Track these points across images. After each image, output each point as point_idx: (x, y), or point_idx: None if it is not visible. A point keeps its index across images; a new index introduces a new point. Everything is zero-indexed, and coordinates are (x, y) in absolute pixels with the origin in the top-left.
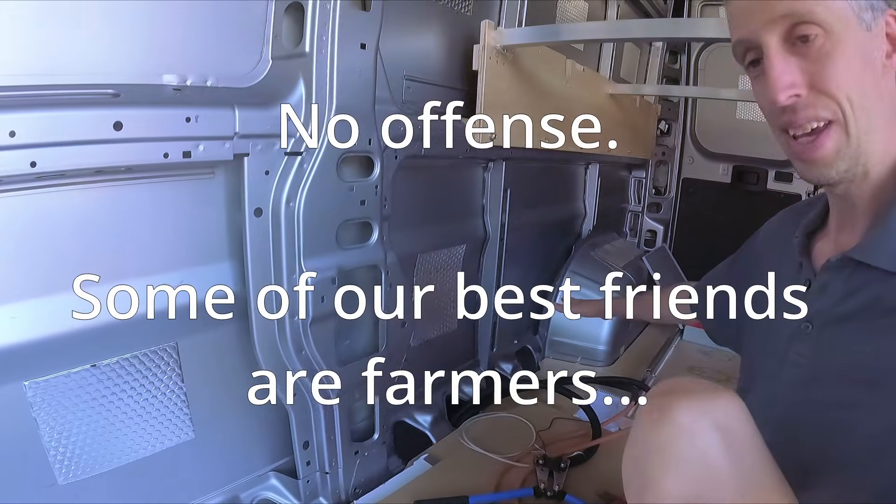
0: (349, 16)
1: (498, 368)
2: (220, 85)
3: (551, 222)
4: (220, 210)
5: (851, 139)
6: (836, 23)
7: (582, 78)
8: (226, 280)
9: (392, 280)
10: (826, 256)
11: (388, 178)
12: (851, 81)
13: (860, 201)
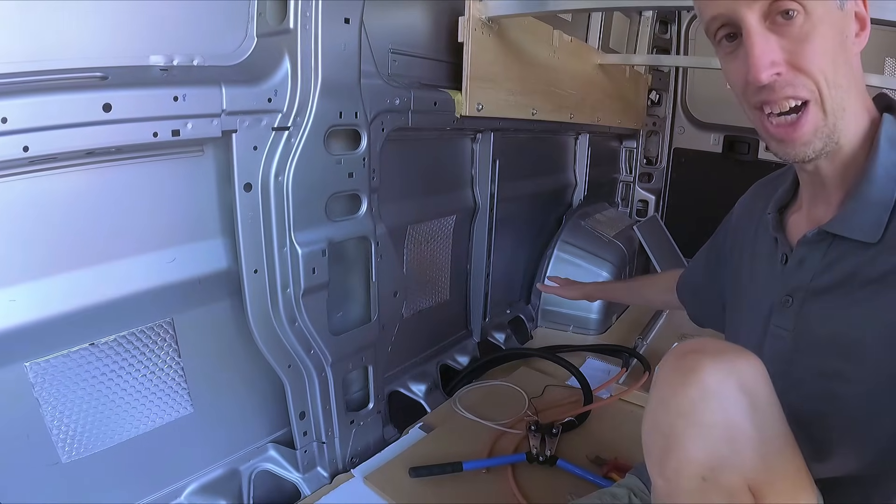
0: None
1: (491, 338)
2: (207, 64)
3: (542, 192)
4: (211, 186)
5: (828, 117)
6: (816, 5)
7: (570, 48)
8: (219, 255)
9: (382, 251)
10: (800, 230)
11: (376, 151)
12: (828, 61)
13: (830, 176)
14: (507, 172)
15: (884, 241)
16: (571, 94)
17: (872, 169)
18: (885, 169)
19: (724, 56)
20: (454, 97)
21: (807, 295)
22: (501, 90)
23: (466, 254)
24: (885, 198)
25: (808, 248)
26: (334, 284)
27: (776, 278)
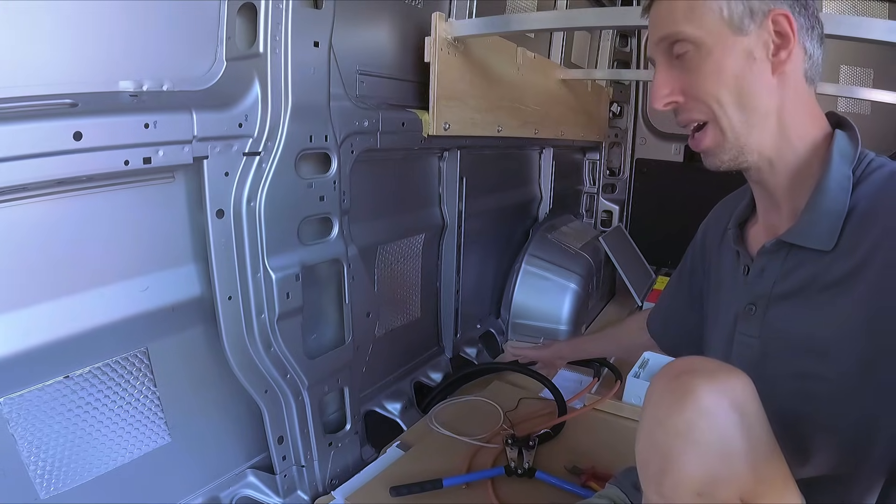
0: (301, 15)
1: (463, 353)
2: (177, 89)
3: (508, 207)
4: (182, 213)
5: (727, 134)
6: (705, 37)
7: (533, 65)
8: (192, 282)
9: (354, 272)
10: (759, 242)
11: (346, 173)
12: (721, 85)
13: (778, 189)
14: (475, 189)
15: (838, 248)
16: (536, 110)
17: (826, 181)
18: (837, 182)
19: None
20: (421, 117)
21: (769, 301)
22: (468, 108)
23: (436, 271)
24: (838, 208)
25: (768, 258)
26: (308, 306)
27: (740, 288)
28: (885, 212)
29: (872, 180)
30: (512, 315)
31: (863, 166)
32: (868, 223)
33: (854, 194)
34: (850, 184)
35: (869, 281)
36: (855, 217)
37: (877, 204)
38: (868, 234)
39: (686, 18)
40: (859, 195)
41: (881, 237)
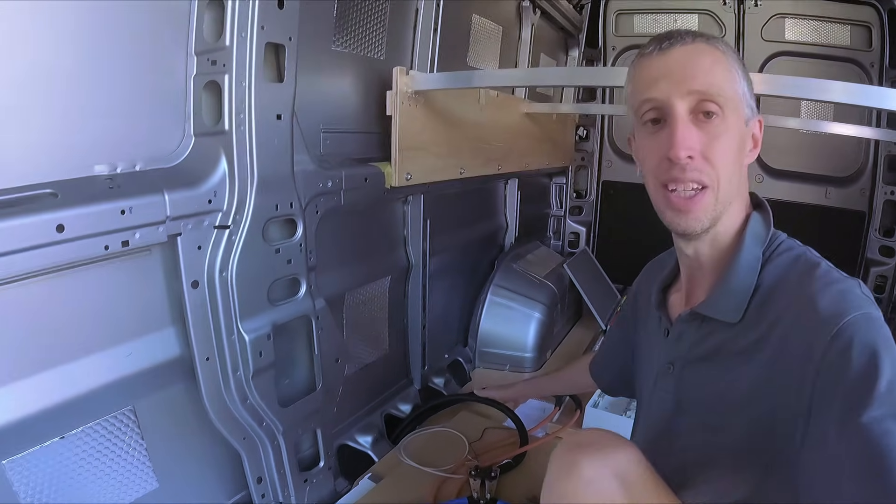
0: (264, 90)
1: (431, 383)
2: (149, 168)
3: (474, 240)
4: (160, 282)
5: (718, 204)
6: (731, 109)
7: (496, 103)
8: (171, 344)
9: (322, 324)
10: (680, 308)
11: (312, 233)
12: (729, 160)
13: (708, 263)
14: (439, 227)
15: (744, 321)
16: (499, 146)
17: (738, 261)
18: (748, 262)
19: (646, 135)
20: (384, 170)
21: (685, 363)
22: (430, 156)
23: (403, 309)
24: (746, 286)
25: (685, 325)
26: (280, 355)
27: (661, 348)
28: (785, 292)
29: (779, 262)
30: (479, 344)
31: (773, 247)
32: (771, 301)
33: (762, 273)
34: (758, 264)
35: (769, 351)
36: (760, 294)
37: (779, 284)
38: (770, 310)
39: (726, 85)
40: (766, 274)
41: (781, 314)
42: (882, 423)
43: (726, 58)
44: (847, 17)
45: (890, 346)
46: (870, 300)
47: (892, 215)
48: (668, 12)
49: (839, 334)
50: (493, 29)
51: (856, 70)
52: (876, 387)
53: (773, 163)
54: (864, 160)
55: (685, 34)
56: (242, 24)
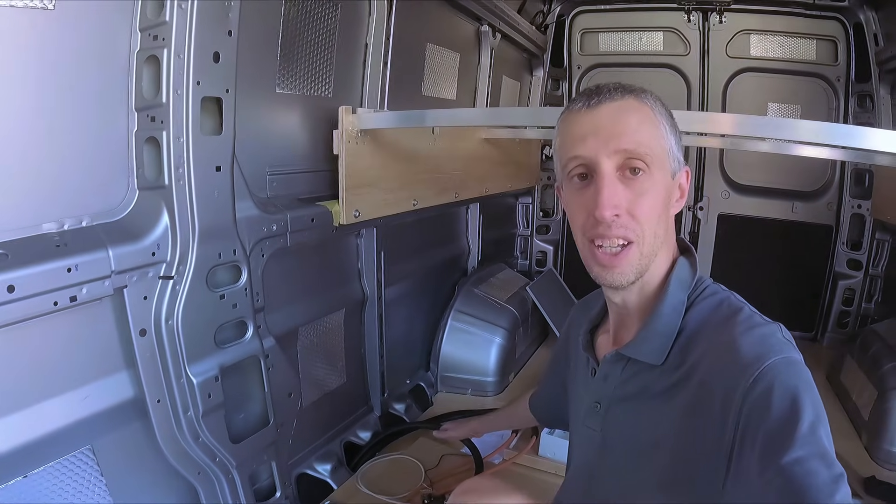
0: (202, 143)
1: (392, 409)
2: (96, 223)
3: (435, 266)
4: (111, 328)
5: (643, 258)
6: (657, 166)
7: (451, 131)
8: (125, 386)
9: (273, 361)
10: (607, 349)
11: (258, 275)
12: (655, 214)
13: (635, 309)
14: (396, 257)
15: (666, 364)
16: (456, 174)
17: (661, 305)
18: (672, 306)
19: (574, 190)
20: (331, 209)
21: (610, 402)
22: (379, 191)
23: (360, 339)
24: (670, 329)
25: (610, 366)
26: (233, 392)
27: (588, 386)
28: (707, 335)
29: (703, 306)
30: (441, 369)
31: (698, 292)
32: (692, 344)
33: (686, 317)
34: (683, 308)
35: (689, 393)
36: (683, 337)
37: (702, 328)
38: (691, 353)
39: (653, 142)
40: (690, 318)
41: (702, 357)
42: (804, 463)
43: (654, 113)
44: (812, 32)
45: (810, 389)
46: (790, 344)
47: (859, 229)
48: (633, 30)
49: (760, 378)
50: (449, 56)
51: (822, 84)
52: (797, 429)
53: (739, 178)
54: (831, 174)
55: (614, 90)
56: (178, 81)
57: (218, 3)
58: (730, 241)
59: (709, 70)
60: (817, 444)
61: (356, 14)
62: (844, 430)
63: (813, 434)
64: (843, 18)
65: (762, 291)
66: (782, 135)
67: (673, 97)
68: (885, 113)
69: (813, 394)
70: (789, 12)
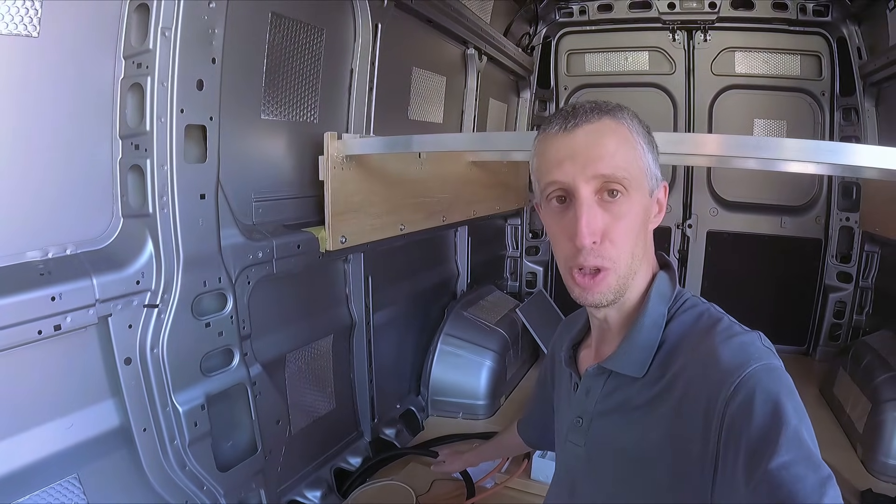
0: (186, 171)
1: (382, 435)
2: (80, 251)
3: (424, 289)
4: (97, 357)
5: (620, 279)
6: (635, 187)
7: (438, 155)
8: (111, 415)
9: (260, 389)
10: (589, 364)
11: (244, 303)
12: (632, 236)
13: (616, 324)
14: (384, 282)
15: (647, 376)
16: (443, 198)
17: (642, 319)
18: (652, 319)
19: (553, 213)
20: (317, 234)
21: (593, 416)
22: (366, 216)
23: (348, 364)
24: (650, 342)
25: (592, 380)
26: (220, 420)
27: (571, 402)
28: (687, 348)
29: (683, 319)
30: (431, 392)
31: (678, 305)
32: (673, 356)
33: (666, 330)
34: (663, 321)
35: (672, 404)
36: (664, 350)
37: (682, 340)
38: (672, 365)
39: (631, 164)
40: (670, 331)
41: (683, 368)
42: (791, 468)
43: (631, 133)
44: (797, 48)
45: (792, 394)
46: (771, 351)
47: (847, 241)
48: (619, 50)
49: (741, 385)
50: (435, 80)
51: (807, 100)
52: (781, 433)
53: (727, 195)
54: (819, 189)
55: (590, 111)
56: (161, 109)
57: (201, 31)
58: (719, 257)
59: (695, 88)
60: (802, 447)
61: (341, 40)
62: (839, 443)
63: (797, 438)
64: (827, 33)
65: (753, 307)
66: (767, 154)
67: (659, 116)
68: (870, 126)
69: (794, 398)
70: (773, 29)
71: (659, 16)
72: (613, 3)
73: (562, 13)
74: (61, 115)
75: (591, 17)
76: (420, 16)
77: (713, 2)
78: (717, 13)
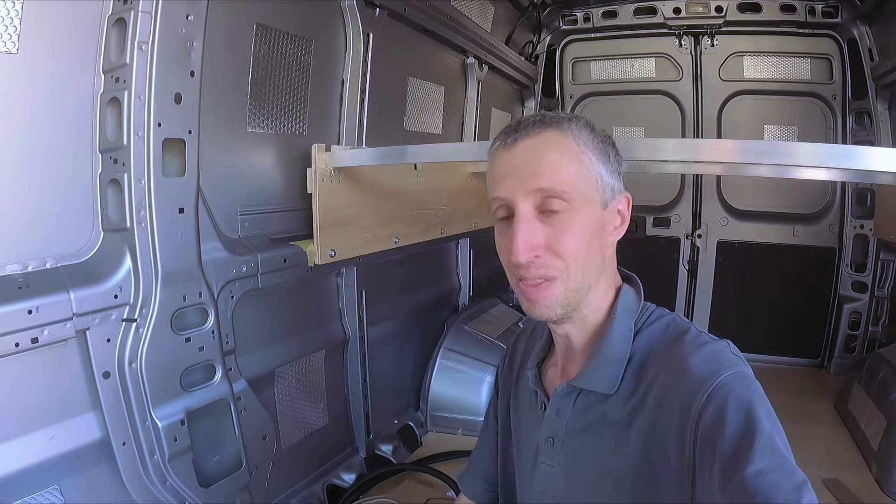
0: (164, 185)
1: (378, 451)
2: (59, 264)
3: (424, 303)
4: (77, 369)
5: (569, 291)
6: (580, 200)
7: (436, 167)
8: (91, 427)
9: (245, 404)
10: (556, 383)
11: (227, 318)
12: (579, 247)
13: (579, 342)
14: (379, 295)
15: (619, 391)
16: (442, 210)
17: (610, 334)
18: (621, 334)
19: (499, 230)
20: (305, 248)
21: (566, 436)
22: (357, 230)
23: (342, 379)
24: (620, 357)
25: (562, 399)
26: (204, 435)
27: (539, 423)
28: (658, 358)
29: (650, 331)
30: (430, 408)
31: (644, 317)
32: (644, 369)
33: (634, 343)
34: (631, 335)
35: (644, 418)
36: (634, 363)
37: (652, 352)
38: (644, 378)
39: (574, 178)
40: (639, 344)
41: (654, 380)
42: (766, 475)
43: (577, 145)
44: (806, 51)
45: (763, 401)
46: (740, 359)
47: (862, 250)
48: (625, 58)
49: (713, 394)
50: (433, 90)
51: (818, 104)
52: (755, 441)
53: (738, 204)
54: (832, 196)
55: (533, 124)
56: (139, 123)
57: (179, 45)
58: (730, 267)
59: (702, 94)
60: (777, 454)
61: (331, 50)
62: (853, 461)
63: (771, 445)
64: (837, 35)
65: (765, 318)
66: (780, 160)
67: (667, 123)
68: (883, 129)
69: (766, 405)
70: (782, 32)
71: (665, 21)
72: (618, 10)
73: (566, 20)
74: (42, 130)
75: (595, 24)
76: (415, 25)
77: (720, 5)
78: (724, 17)
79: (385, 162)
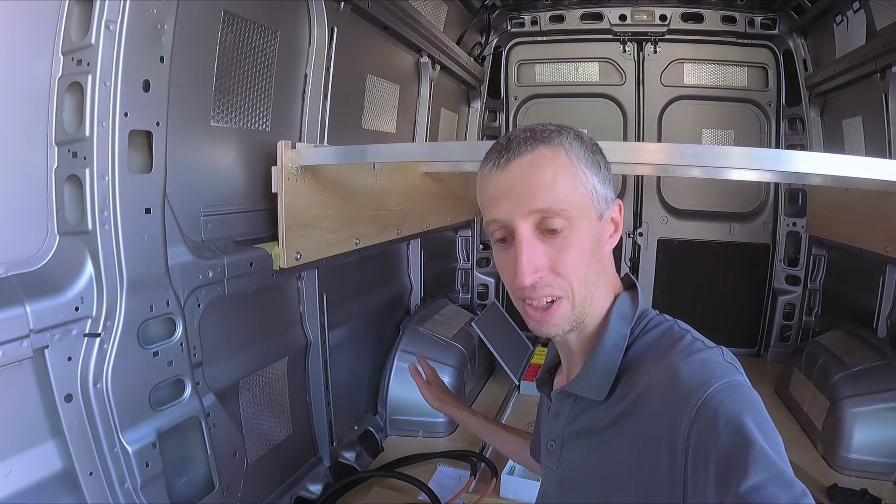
0: (130, 182)
1: (342, 458)
2: (10, 273)
3: (378, 305)
4: (34, 394)
5: (575, 308)
6: (578, 215)
7: (392, 166)
8: (53, 457)
9: (215, 420)
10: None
11: (194, 328)
12: (583, 265)
13: (577, 347)
14: (338, 299)
15: (610, 398)
16: (397, 211)
17: (603, 341)
18: (613, 341)
19: (498, 251)
20: (271, 251)
21: (564, 440)
22: (321, 231)
23: (304, 387)
24: (610, 364)
25: (560, 404)
26: (174, 456)
27: (546, 426)
28: (650, 366)
29: (646, 339)
30: (389, 411)
31: (642, 324)
32: (635, 376)
33: (630, 350)
34: (625, 342)
35: (636, 426)
36: (627, 371)
37: (645, 359)
38: (635, 386)
39: (571, 194)
40: (634, 351)
41: (645, 388)
42: (762, 489)
43: (571, 159)
44: (744, 60)
45: (757, 410)
46: (733, 367)
47: (795, 246)
48: (569, 61)
49: (704, 406)
50: (389, 88)
51: (753, 110)
52: (749, 454)
53: (677, 203)
54: (766, 196)
55: (524, 142)
56: (103, 112)
57: (150, 26)
58: (670, 264)
59: (644, 98)
60: (772, 467)
61: (296, 43)
62: (799, 441)
63: (766, 457)
64: (774, 46)
65: (704, 311)
66: (713, 162)
67: (609, 126)
68: (815, 134)
69: (760, 415)
70: (722, 41)
71: (610, 27)
72: (565, 14)
73: (513, 23)
74: None
75: (542, 28)
76: (376, 21)
77: (664, 14)
78: (668, 25)
79: (349, 161)
